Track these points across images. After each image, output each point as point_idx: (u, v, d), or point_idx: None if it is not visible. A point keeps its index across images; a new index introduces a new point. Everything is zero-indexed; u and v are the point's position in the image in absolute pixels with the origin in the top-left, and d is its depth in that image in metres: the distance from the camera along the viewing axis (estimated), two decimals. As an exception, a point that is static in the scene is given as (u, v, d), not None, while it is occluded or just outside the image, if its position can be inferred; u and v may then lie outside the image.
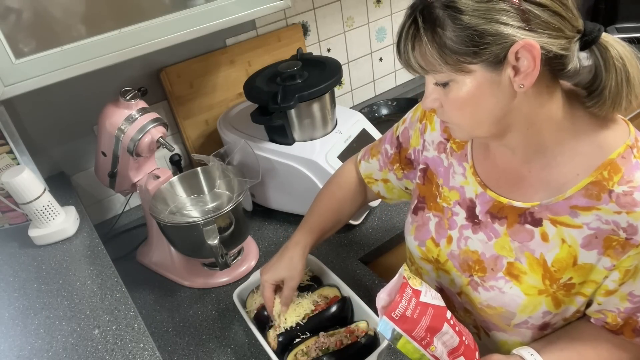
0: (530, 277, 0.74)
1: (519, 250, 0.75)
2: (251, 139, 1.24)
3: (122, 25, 0.94)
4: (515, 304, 0.75)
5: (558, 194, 0.70)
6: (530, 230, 0.73)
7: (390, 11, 1.75)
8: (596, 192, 0.67)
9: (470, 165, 0.81)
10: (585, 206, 0.68)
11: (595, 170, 0.67)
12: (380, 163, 0.99)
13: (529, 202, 0.73)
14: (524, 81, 0.62)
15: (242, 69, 1.47)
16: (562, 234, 0.70)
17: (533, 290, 0.74)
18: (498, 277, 0.77)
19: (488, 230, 0.79)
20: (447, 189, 0.85)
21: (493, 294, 0.77)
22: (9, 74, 0.86)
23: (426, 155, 0.89)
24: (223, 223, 1.05)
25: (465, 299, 0.84)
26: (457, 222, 0.83)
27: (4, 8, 0.83)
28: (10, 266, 1.01)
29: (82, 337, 0.83)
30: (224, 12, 1.04)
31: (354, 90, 1.82)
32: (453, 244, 0.83)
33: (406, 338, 0.69)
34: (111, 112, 1.07)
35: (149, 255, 1.25)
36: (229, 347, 1.01)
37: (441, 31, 0.61)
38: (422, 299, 0.73)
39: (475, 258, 0.80)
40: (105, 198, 1.42)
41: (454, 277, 0.85)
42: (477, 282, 0.80)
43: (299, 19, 1.55)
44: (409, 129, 0.93)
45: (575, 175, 0.69)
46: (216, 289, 1.16)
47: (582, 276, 0.70)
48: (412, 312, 0.70)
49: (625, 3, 1.95)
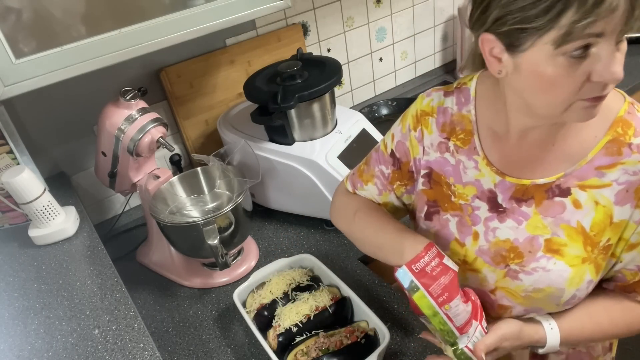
0: (571, 247, 0.74)
1: (554, 224, 0.75)
2: (251, 139, 1.24)
3: (122, 25, 0.94)
4: (562, 279, 0.74)
5: (580, 160, 0.72)
6: (561, 202, 0.74)
7: (390, 11, 1.75)
8: (616, 148, 0.70)
9: (483, 157, 0.80)
10: (609, 164, 0.71)
11: (610, 128, 0.71)
12: (378, 187, 0.94)
13: (552, 176, 0.74)
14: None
15: (242, 69, 1.47)
16: (593, 196, 0.72)
17: (577, 260, 0.74)
18: (538, 257, 0.76)
19: (516, 216, 0.78)
20: (461, 185, 0.83)
21: (537, 275, 0.76)
22: (9, 74, 0.86)
23: (428, 160, 0.87)
24: (223, 223, 1.06)
25: (502, 293, 0.81)
26: (481, 216, 0.81)
27: (4, 8, 0.83)
28: (10, 266, 1.01)
29: (82, 337, 0.83)
30: (224, 12, 1.04)
31: (354, 90, 1.82)
32: (480, 239, 0.81)
33: (423, 292, 0.72)
34: (111, 112, 1.07)
35: (149, 255, 1.25)
36: (229, 347, 1.01)
37: None
38: (444, 261, 0.76)
39: (507, 247, 0.79)
40: (105, 198, 1.42)
41: (485, 274, 0.81)
42: (515, 270, 0.78)
43: (299, 19, 1.55)
44: (404, 141, 0.89)
45: (593, 138, 0.72)
46: (216, 289, 1.16)
47: (617, 234, 0.72)
48: (432, 269, 0.73)
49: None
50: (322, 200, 1.19)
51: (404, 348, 0.94)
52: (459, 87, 0.84)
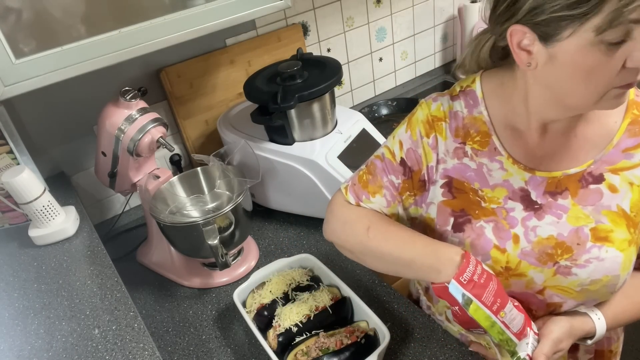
0: (617, 232, 0.74)
1: (596, 212, 0.74)
2: (251, 139, 1.24)
3: (122, 25, 0.94)
4: (617, 265, 0.73)
5: (607, 145, 0.74)
6: (597, 188, 0.74)
7: (390, 11, 1.75)
8: (639, 129, 0.73)
9: (507, 156, 0.78)
10: (635, 145, 0.73)
11: (626, 112, 0.73)
12: (387, 198, 0.87)
13: (583, 164, 0.75)
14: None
15: (242, 69, 1.47)
16: (627, 178, 0.73)
17: (624, 244, 0.74)
18: (588, 247, 0.74)
19: (554, 210, 0.76)
20: (489, 189, 0.80)
21: (592, 266, 0.73)
22: (9, 74, 0.86)
23: (445, 168, 0.83)
24: (223, 223, 1.06)
25: (552, 291, 0.77)
26: (517, 217, 0.78)
27: (4, 8, 0.83)
28: (10, 266, 1.01)
29: (82, 337, 0.83)
30: (224, 12, 1.04)
31: (354, 90, 1.82)
32: (522, 241, 0.77)
33: (477, 304, 0.69)
34: (111, 112, 1.07)
35: (149, 255, 1.25)
36: (229, 347, 1.01)
37: None
38: (485, 267, 0.74)
39: (553, 244, 0.76)
40: (105, 198, 1.42)
41: (532, 277, 0.77)
42: (567, 266, 0.74)
43: (299, 19, 1.55)
44: (415, 148, 0.84)
45: (613, 123, 0.74)
46: (216, 289, 1.16)
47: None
48: (479, 277, 0.71)
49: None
50: (322, 200, 1.19)
51: (404, 348, 0.94)
52: (463, 90, 0.82)
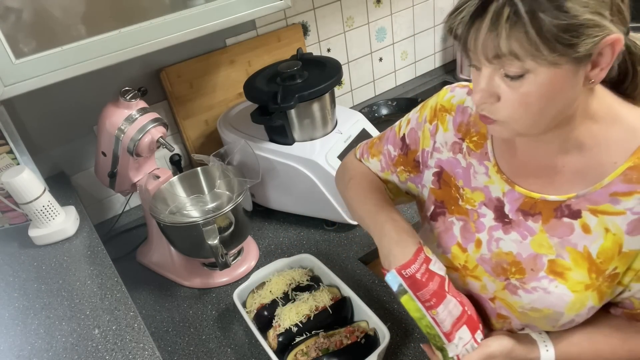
0: (575, 272, 0.71)
1: (560, 246, 0.72)
2: (251, 139, 1.24)
3: (122, 25, 0.94)
4: (562, 303, 0.72)
5: (595, 183, 0.69)
6: (569, 223, 0.71)
7: (390, 11, 1.75)
8: (636, 176, 0.66)
9: (494, 164, 0.78)
10: (625, 191, 0.66)
11: (632, 155, 0.66)
12: (382, 164, 0.94)
13: (564, 194, 0.71)
14: (596, 77, 0.60)
15: (242, 69, 1.47)
16: (604, 223, 0.69)
17: (580, 286, 0.71)
18: (540, 277, 0.73)
19: (521, 229, 0.75)
20: (470, 190, 0.81)
21: (537, 295, 0.73)
22: (9, 74, 0.86)
23: (439, 158, 0.84)
24: (223, 223, 1.06)
25: (501, 304, 0.79)
26: (485, 224, 0.79)
27: (4, 8, 0.83)
28: (10, 266, 1.01)
29: (82, 337, 0.83)
30: (224, 12, 1.04)
31: (354, 90, 1.82)
32: (483, 248, 0.79)
33: (410, 295, 0.73)
34: (111, 112, 1.07)
35: (149, 255, 1.25)
36: (229, 347, 1.01)
37: (543, 17, 0.55)
38: (431, 267, 0.75)
39: (510, 260, 0.76)
40: (105, 198, 1.42)
41: (485, 283, 0.79)
42: (515, 285, 0.75)
43: (299, 19, 1.55)
44: (417, 129, 0.88)
45: (612, 164, 0.67)
46: (216, 289, 1.16)
47: (625, 264, 0.69)
48: (421, 276, 0.73)
49: (625, 3, 1.95)
50: (322, 200, 1.19)
51: (404, 348, 0.94)
52: None
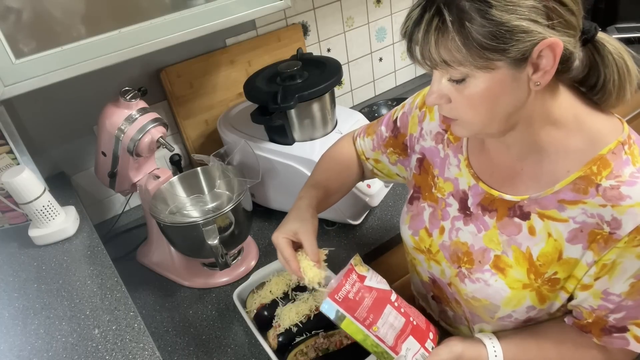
0: (515, 270, 0.74)
1: (507, 244, 0.76)
2: (251, 139, 1.24)
3: (122, 25, 0.94)
4: (499, 296, 0.75)
5: (547, 188, 0.71)
6: (519, 223, 0.74)
7: (390, 11, 1.75)
8: (584, 186, 0.67)
9: (465, 158, 0.82)
10: (572, 200, 0.68)
11: (585, 165, 0.67)
12: (374, 143, 0.99)
13: (519, 195, 0.74)
14: (541, 79, 0.62)
15: (242, 69, 1.47)
16: (548, 227, 0.71)
17: (518, 284, 0.74)
18: (484, 269, 0.78)
19: (478, 223, 0.79)
20: (442, 179, 0.85)
21: (478, 286, 0.78)
22: (9, 74, 0.86)
23: (423, 145, 0.89)
24: (223, 223, 1.05)
25: (454, 289, 0.85)
26: (450, 213, 0.84)
27: (4, 8, 0.83)
28: (10, 266, 1.01)
29: (82, 337, 0.83)
30: (224, 12, 1.04)
31: (354, 90, 1.82)
32: (445, 235, 0.84)
33: (349, 319, 0.73)
34: (111, 112, 1.07)
35: (149, 255, 1.25)
36: (229, 347, 1.01)
37: (469, 25, 0.58)
38: (366, 283, 0.77)
39: (464, 250, 0.81)
40: (105, 198, 1.42)
41: (444, 268, 0.85)
42: (464, 274, 0.81)
43: (299, 19, 1.55)
44: (408, 114, 0.92)
45: (565, 172, 0.69)
46: (216, 289, 1.16)
47: (567, 271, 0.71)
48: (354, 295, 0.75)
49: (625, 3, 1.95)
50: (322, 200, 1.19)
51: (404, 348, 0.94)
52: None
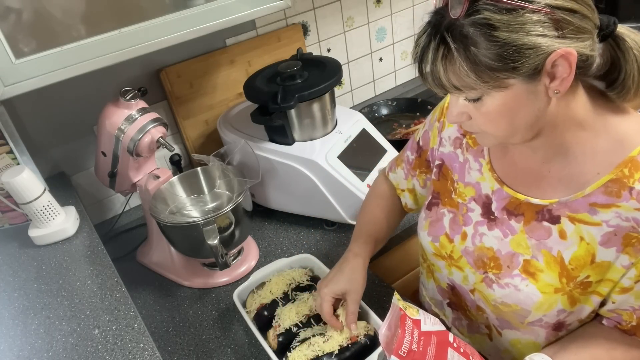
0: (546, 275, 0.73)
1: (536, 248, 0.74)
2: (251, 139, 1.24)
3: (122, 25, 0.94)
4: (530, 301, 0.74)
5: (577, 192, 0.70)
6: (548, 227, 0.73)
7: (390, 11, 1.75)
8: (616, 190, 0.66)
9: (487, 162, 0.81)
10: (604, 203, 0.68)
11: (616, 167, 0.67)
12: (404, 171, 1.00)
13: (547, 199, 0.73)
14: (559, 87, 0.62)
15: (242, 69, 1.47)
16: (580, 231, 0.70)
17: (549, 289, 0.73)
18: (514, 274, 0.76)
19: (504, 227, 0.78)
20: (463, 184, 0.84)
21: (508, 291, 0.77)
22: (9, 74, 0.86)
23: (442, 151, 0.88)
24: (223, 223, 1.05)
25: (479, 296, 0.83)
26: (472, 219, 0.82)
27: (4, 8, 0.83)
28: (10, 266, 1.01)
29: (82, 337, 0.83)
30: (224, 12, 1.04)
31: (354, 90, 1.82)
32: (467, 240, 0.83)
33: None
34: (111, 112, 1.07)
35: (149, 255, 1.25)
36: (229, 347, 1.01)
37: (475, 50, 0.59)
38: (423, 329, 0.72)
39: (490, 255, 0.80)
40: (105, 198, 1.42)
41: (467, 274, 0.84)
42: (491, 279, 0.79)
43: (299, 19, 1.55)
44: (429, 130, 0.93)
45: (595, 174, 0.68)
46: (216, 289, 1.16)
47: (600, 274, 0.70)
48: (417, 345, 0.69)
49: (625, 3, 1.95)
50: (322, 200, 1.19)
51: (404, 348, 0.94)
52: None
